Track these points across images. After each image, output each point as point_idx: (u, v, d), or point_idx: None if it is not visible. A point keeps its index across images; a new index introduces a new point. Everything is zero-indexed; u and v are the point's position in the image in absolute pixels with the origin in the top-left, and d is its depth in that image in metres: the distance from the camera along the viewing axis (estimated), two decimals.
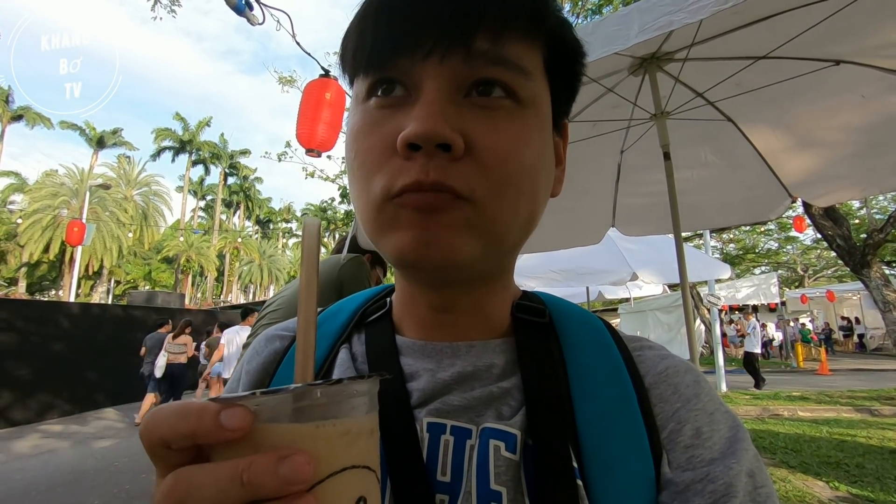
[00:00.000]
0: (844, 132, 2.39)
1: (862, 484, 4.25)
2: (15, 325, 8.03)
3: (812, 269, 27.88)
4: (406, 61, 0.37)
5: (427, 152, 0.35)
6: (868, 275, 6.85)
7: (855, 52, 2.05)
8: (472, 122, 0.36)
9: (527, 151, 0.38)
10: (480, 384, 0.43)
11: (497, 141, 0.37)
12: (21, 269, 33.28)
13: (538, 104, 0.40)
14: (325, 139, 2.94)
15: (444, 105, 0.36)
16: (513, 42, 0.37)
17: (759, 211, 3.04)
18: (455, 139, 0.35)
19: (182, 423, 0.22)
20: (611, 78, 2.45)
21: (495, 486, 0.37)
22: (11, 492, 4.73)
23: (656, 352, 0.46)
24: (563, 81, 0.44)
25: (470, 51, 0.36)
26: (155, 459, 0.24)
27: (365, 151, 0.38)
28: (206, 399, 0.23)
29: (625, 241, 6.11)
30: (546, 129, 0.42)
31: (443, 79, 0.36)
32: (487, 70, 0.37)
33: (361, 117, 0.40)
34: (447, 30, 0.36)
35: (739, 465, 0.37)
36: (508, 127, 0.38)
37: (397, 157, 0.36)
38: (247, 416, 0.22)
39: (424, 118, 0.35)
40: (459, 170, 0.36)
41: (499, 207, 0.37)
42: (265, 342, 0.53)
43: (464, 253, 0.37)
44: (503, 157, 0.37)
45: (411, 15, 0.36)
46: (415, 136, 0.34)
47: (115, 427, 7.91)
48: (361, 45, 0.39)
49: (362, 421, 0.26)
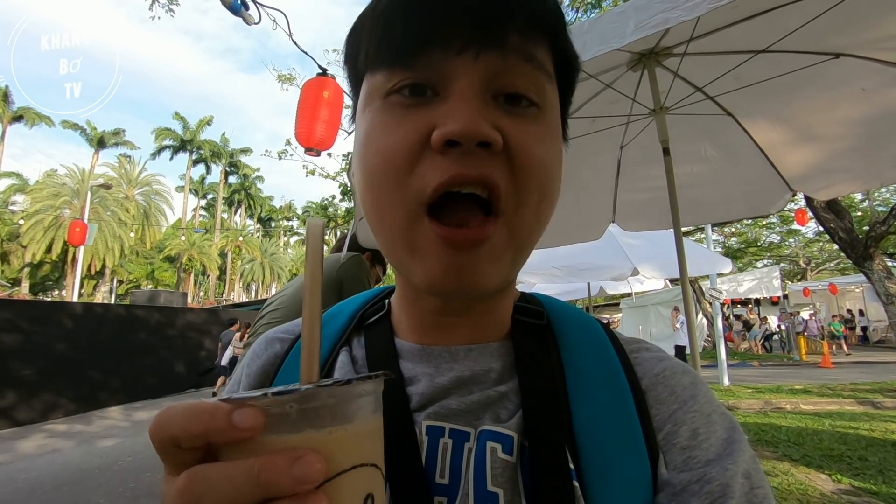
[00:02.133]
0: (844, 125, 2.38)
1: (865, 476, 4.25)
2: (19, 325, 8.06)
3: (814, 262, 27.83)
4: (437, 57, 0.36)
5: (467, 150, 0.35)
6: (871, 267, 6.83)
7: (854, 45, 2.04)
8: (504, 120, 0.37)
9: (548, 154, 0.39)
10: (478, 388, 0.43)
11: (527, 141, 0.37)
12: (24, 270, 33.39)
13: (554, 108, 0.41)
14: (323, 137, 2.94)
15: (479, 103, 0.36)
16: (538, 43, 0.38)
17: (759, 205, 3.03)
18: (496, 136, 0.35)
19: (194, 423, 0.22)
20: (609, 73, 2.44)
21: (492, 488, 0.37)
22: (17, 491, 4.76)
23: (653, 354, 0.46)
24: (567, 87, 0.45)
25: (504, 46, 0.36)
26: (164, 457, 0.24)
27: (388, 148, 0.37)
28: (218, 399, 0.23)
29: (625, 237, 6.11)
30: (559, 132, 0.43)
31: (476, 76, 0.36)
32: (521, 67, 0.37)
33: (380, 114, 0.38)
34: (481, 26, 0.35)
35: (736, 466, 0.37)
36: (535, 129, 0.38)
37: (429, 154, 0.36)
38: (259, 417, 0.22)
39: (467, 115, 0.34)
40: (497, 164, 0.36)
41: (525, 215, 0.38)
42: (265, 345, 0.53)
43: (497, 277, 0.38)
44: (532, 157, 0.37)
45: (443, 10, 0.36)
46: (458, 133, 0.34)
47: (119, 426, 7.95)
48: (387, 40, 0.38)
49: (369, 420, 0.26)
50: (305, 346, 0.28)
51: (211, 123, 45.12)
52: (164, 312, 12.15)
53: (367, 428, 0.26)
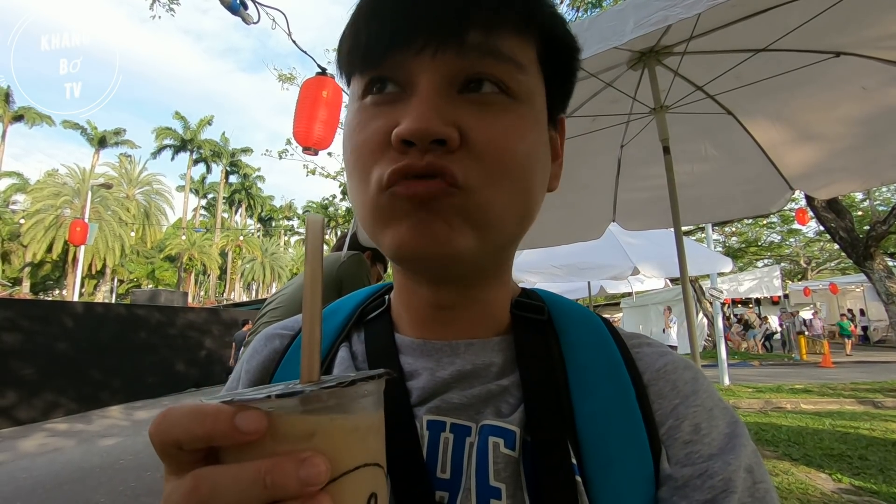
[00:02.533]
0: (845, 124, 2.38)
1: (865, 476, 4.24)
2: (20, 324, 8.06)
3: (815, 262, 27.81)
4: (399, 57, 0.37)
5: (422, 148, 0.35)
6: (871, 267, 6.83)
7: (855, 43, 2.04)
8: (467, 116, 0.37)
9: (521, 144, 0.38)
10: (479, 382, 0.43)
11: (491, 134, 0.37)
12: (25, 269, 33.42)
13: (532, 98, 0.40)
14: (321, 137, 2.94)
15: (437, 100, 0.36)
16: (505, 36, 0.38)
17: (759, 204, 3.03)
18: (449, 133, 0.35)
19: (196, 426, 0.22)
20: (609, 72, 2.44)
21: (494, 483, 0.37)
22: (18, 490, 4.77)
23: (655, 349, 0.46)
24: (558, 76, 0.44)
25: (463, 44, 0.36)
26: (165, 458, 0.24)
27: (359, 147, 0.39)
28: (220, 400, 0.23)
29: (625, 236, 6.11)
30: (541, 123, 0.42)
31: (436, 73, 0.37)
32: (480, 63, 0.37)
33: (356, 115, 0.40)
34: (439, 24, 0.36)
35: (738, 461, 0.37)
36: (502, 120, 0.38)
37: (392, 152, 0.37)
38: (262, 420, 0.22)
39: (418, 115, 0.35)
40: (454, 160, 0.36)
41: (492, 197, 0.37)
42: (264, 341, 0.53)
43: (459, 244, 0.37)
44: (498, 149, 0.37)
45: (404, 12, 0.36)
46: (408, 132, 0.34)
47: (119, 425, 7.96)
48: (356, 44, 0.39)
49: (371, 418, 0.26)
50: (306, 343, 0.28)
51: (211, 123, 45.16)
52: (165, 312, 12.15)
53: (368, 426, 0.26)
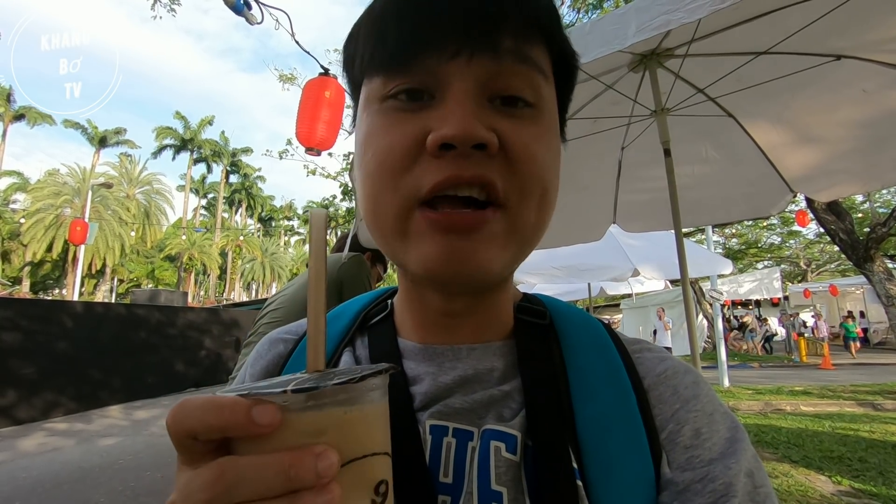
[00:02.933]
0: (845, 127, 2.38)
1: (865, 478, 4.24)
2: (19, 324, 8.06)
3: (815, 264, 27.81)
4: (431, 61, 0.36)
5: (463, 153, 0.35)
6: (871, 269, 6.82)
7: (856, 47, 2.04)
8: (501, 123, 0.37)
9: (547, 153, 0.39)
10: (482, 387, 0.44)
11: (524, 141, 0.37)
12: (25, 269, 33.41)
13: (552, 108, 0.41)
14: (324, 137, 2.94)
15: (474, 106, 0.36)
16: (533, 43, 0.38)
17: (760, 206, 3.03)
18: (490, 138, 0.35)
19: (213, 417, 0.23)
20: (611, 74, 2.44)
21: (496, 487, 0.37)
22: (17, 490, 4.76)
23: (655, 354, 0.47)
24: (566, 84, 0.45)
25: (498, 49, 0.36)
26: (180, 448, 0.25)
27: (385, 150, 0.37)
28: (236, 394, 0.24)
29: (626, 237, 6.11)
30: (557, 132, 0.43)
31: (471, 79, 0.36)
32: (515, 69, 0.37)
33: (378, 118, 0.39)
34: (474, 29, 0.36)
35: (738, 465, 0.37)
36: (531, 129, 0.38)
37: (425, 157, 0.36)
38: (276, 414, 0.23)
39: (460, 118, 0.34)
40: (494, 168, 0.36)
41: (527, 212, 0.38)
42: (269, 345, 0.53)
43: (497, 264, 0.38)
44: (531, 156, 0.37)
45: (435, 16, 0.36)
46: (452, 136, 0.34)
47: (119, 425, 7.95)
48: (381, 46, 0.38)
49: (378, 409, 0.28)
50: (311, 333, 0.29)
51: (212, 123, 45.18)
52: (165, 312, 12.14)
53: (375, 416, 0.27)
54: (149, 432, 7.25)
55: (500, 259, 0.38)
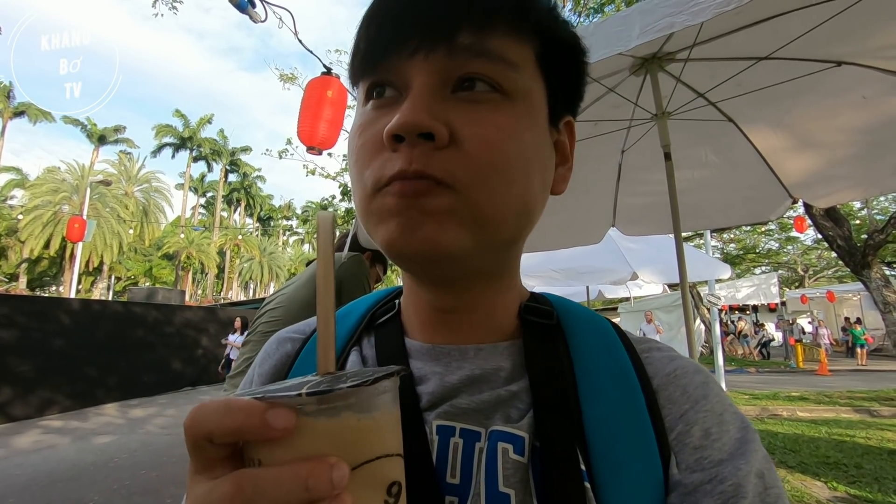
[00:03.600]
0: (845, 133, 2.39)
1: (860, 484, 4.25)
2: (16, 320, 8.03)
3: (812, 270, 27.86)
4: (395, 60, 0.38)
5: (411, 142, 0.36)
6: (868, 275, 6.85)
7: (856, 53, 2.05)
8: (458, 113, 0.37)
9: (512, 142, 0.38)
10: (489, 387, 0.44)
11: (481, 130, 0.37)
12: (22, 265, 33.31)
13: (529, 98, 0.40)
14: (326, 137, 2.94)
15: (428, 98, 0.37)
16: (497, 35, 0.38)
17: (759, 211, 3.04)
18: (437, 127, 0.35)
19: (229, 420, 0.23)
20: (612, 78, 2.45)
21: (504, 489, 0.37)
22: (11, 487, 4.74)
23: (664, 353, 0.46)
24: (560, 76, 0.44)
25: (452, 45, 0.37)
26: (196, 452, 0.25)
27: (359, 149, 0.40)
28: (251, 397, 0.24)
29: (625, 241, 6.11)
30: (538, 122, 0.42)
31: (428, 74, 0.37)
32: (470, 63, 0.38)
33: (359, 119, 0.41)
34: (431, 27, 0.37)
35: (749, 466, 0.37)
36: (493, 118, 0.38)
37: (386, 151, 0.37)
38: (291, 417, 0.23)
39: (407, 110, 0.36)
40: (442, 158, 0.36)
41: (482, 195, 0.37)
42: (276, 345, 0.53)
43: (450, 242, 0.37)
44: (486, 145, 0.37)
45: (399, 17, 0.38)
46: (397, 126, 0.35)
47: (114, 423, 7.92)
48: (357, 51, 0.40)
49: (391, 412, 0.28)
50: (321, 335, 0.29)
51: (212, 121, 45.17)
52: (162, 310, 12.11)
53: (387, 419, 0.27)
54: (144, 431, 7.22)
55: (452, 236, 0.37)
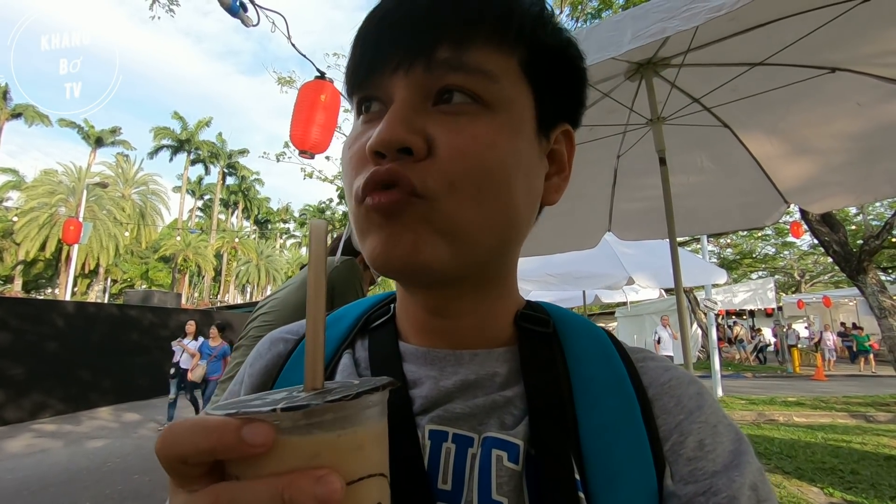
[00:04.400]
0: (840, 139, 2.40)
1: (857, 490, 4.25)
2: (10, 323, 7.99)
3: (809, 275, 27.98)
4: (379, 77, 0.40)
5: (391, 157, 0.36)
6: (864, 281, 6.86)
7: (851, 59, 2.06)
8: (436, 125, 0.38)
9: (489, 151, 0.38)
10: (483, 392, 0.43)
11: (458, 141, 0.37)
12: (17, 267, 33.17)
13: (511, 107, 0.40)
14: (318, 141, 2.93)
15: (407, 113, 0.37)
16: (476, 48, 0.38)
17: (754, 217, 3.04)
18: (414, 141, 0.36)
19: (202, 440, 0.22)
20: (607, 83, 2.45)
21: (497, 497, 0.37)
22: (3, 491, 4.70)
23: (659, 363, 0.46)
24: (550, 84, 0.43)
25: (430, 61, 0.38)
26: (172, 472, 0.24)
27: (347, 162, 0.41)
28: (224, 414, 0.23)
29: (621, 245, 6.12)
30: (521, 131, 0.41)
31: (408, 89, 0.38)
32: (448, 76, 0.38)
33: (351, 132, 0.42)
34: (410, 44, 0.38)
35: (743, 478, 0.37)
36: (471, 128, 0.38)
37: (370, 164, 0.38)
38: (269, 433, 0.22)
39: (385, 126, 0.36)
40: (418, 168, 0.36)
41: (456, 204, 0.37)
42: (269, 345, 0.53)
43: (427, 254, 0.37)
44: (460, 154, 0.37)
45: (381, 36, 0.39)
46: (376, 143, 0.36)
47: (108, 427, 7.87)
48: (348, 69, 0.42)
49: (375, 429, 0.27)
50: (310, 349, 0.28)
51: (210, 125, 45.13)
52: (158, 313, 12.08)
53: (373, 436, 0.26)
54: (138, 435, 7.17)
55: (429, 248, 0.37)
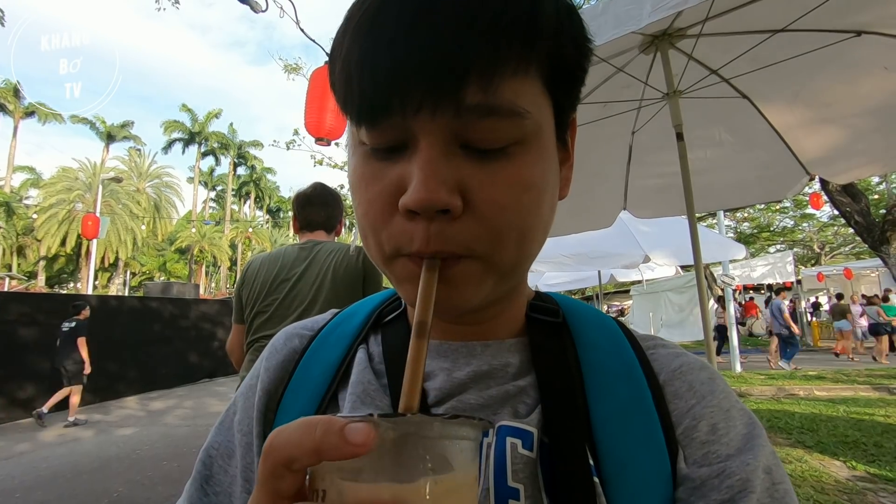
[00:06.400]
0: (866, 106, 2.32)
1: (880, 463, 4.22)
2: (36, 318, 8.21)
3: (829, 247, 27.43)
4: (398, 117, 0.35)
5: (427, 217, 0.35)
6: (887, 251, 6.70)
7: (877, 21, 1.97)
8: (469, 174, 0.35)
9: (527, 195, 0.37)
10: (496, 383, 0.44)
11: (494, 194, 0.36)
12: (39, 263, 33.96)
13: (539, 134, 0.38)
14: (333, 127, 2.92)
15: (439, 165, 0.34)
16: (505, 82, 0.35)
17: (775, 189, 2.98)
18: (453, 203, 0.34)
19: (307, 438, 0.23)
20: (621, 57, 2.39)
21: (513, 484, 0.37)
22: (38, 479, 4.88)
23: (670, 350, 0.47)
24: (567, 87, 0.41)
25: (460, 105, 0.34)
26: (270, 481, 0.24)
27: (367, 203, 0.38)
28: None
29: (637, 224, 6.06)
30: (548, 150, 0.40)
31: (436, 134, 0.35)
32: (480, 123, 0.35)
33: (361, 164, 0.39)
34: (435, 83, 0.33)
35: (756, 461, 0.37)
36: (506, 173, 0.36)
37: (398, 215, 0.36)
38: (371, 432, 0.22)
39: (422, 186, 0.34)
40: (458, 230, 0.35)
41: (503, 255, 0.37)
42: (284, 339, 0.54)
43: (472, 297, 0.38)
44: (501, 209, 0.36)
45: (396, 67, 0.33)
46: (414, 205, 0.34)
47: (136, 416, 8.11)
48: (349, 97, 0.37)
49: (470, 473, 0.25)
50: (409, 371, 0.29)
51: (219, 116, 45.31)
52: (178, 304, 12.30)
53: (466, 479, 0.25)
54: (164, 422, 7.38)
55: (477, 296, 0.38)
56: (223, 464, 0.48)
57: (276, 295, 2.06)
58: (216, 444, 0.50)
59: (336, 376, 0.47)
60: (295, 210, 2.25)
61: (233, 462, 0.48)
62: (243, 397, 0.51)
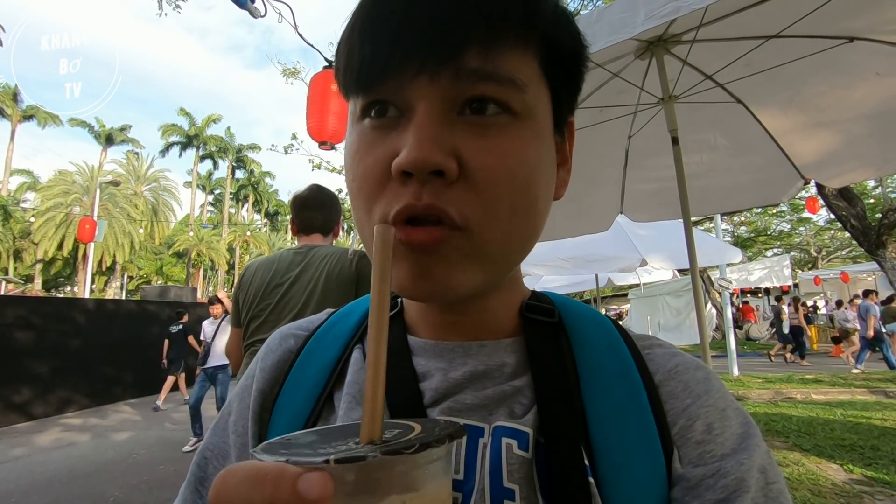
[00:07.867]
0: (858, 111, 2.34)
1: (877, 466, 4.22)
2: (32, 322, 8.18)
3: (825, 251, 27.51)
4: (395, 82, 0.36)
5: (421, 179, 0.35)
6: (883, 255, 6.73)
7: (869, 28, 2.00)
8: (465, 141, 0.36)
9: (520, 168, 0.37)
10: (492, 383, 0.44)
11: (489, 161, 0.36)
12: (36, 266, 33.82)
13: (535, 114, 0.39)
14: (336, 130, 2.91)
15: (435, 128, 0.35)
16: (504, 54, 0.36)
17: (770, 193, 3.00)
18: (448, 164, 0.34)
19: (257, 494, 0.21)
20: (616, 62, 2.41)
21: (508, 484, 0.37)
22: (34, 484, 4.85)
23: (665, 349, 0.47)
24: (564, 81, 0.43)
25: (459, 69, 0.35)
26: None
27: (362, 176, 0.38)
28: (275, 460, 0.22)
29: (634, 227, 6.07)
30: (544, 136, 0.41)
31: (434, 99, 0.36)
32: (478, 87, 0.36)
33: (357, 138, 0.39)
34: (434, 47, 0.34)
35: (751, 461, 0.37)
36: (500, 143, 0.37)
37: (393, 182, 0.36)
38: (328, 484, 0.20)
39: (417, 145, 0.34)
40: (453, 195, 0.35)
41: (495, 232, 0.37)
42: (279, 340, 0.54)
43: (462, 284, 0.38)
44: (495, 178, 0.36)
45: (397, 33, 0.35)
46: (407, 163, 0.34)
47: (132, 420, 8.07)
48: (349, 66, 0.38)
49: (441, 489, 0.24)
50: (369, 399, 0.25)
51: (218, 121, 45.29)
52: (175, 308, 12.25)
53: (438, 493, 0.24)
54: (161, 427, 7.34)
55: (464, 278, 0.37)
56: (218, 465, 0.48)
57: (270, 300, 2.06)
58: (211, 446, 0.49)
59: (331, 376, 0.47)
60: (292, 213, 2.25)
61: (227, 463, 0.47)
62: (238, 398, 0.50)
